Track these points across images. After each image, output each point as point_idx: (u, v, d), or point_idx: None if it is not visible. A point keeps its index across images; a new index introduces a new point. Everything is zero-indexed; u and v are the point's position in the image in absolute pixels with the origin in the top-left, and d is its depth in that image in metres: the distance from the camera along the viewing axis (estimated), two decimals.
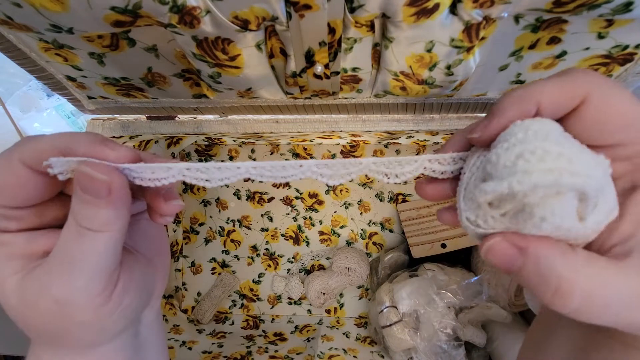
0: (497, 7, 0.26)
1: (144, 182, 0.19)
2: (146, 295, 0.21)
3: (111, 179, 0.17)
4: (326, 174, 0.19)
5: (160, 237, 0.25)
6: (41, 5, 0.25)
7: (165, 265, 0.25)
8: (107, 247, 0.17)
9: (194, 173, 0.18)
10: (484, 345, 0.54)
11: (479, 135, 0.18)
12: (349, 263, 0.64)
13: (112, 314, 0.18)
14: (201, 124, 0.45)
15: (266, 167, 0.19)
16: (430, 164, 0.20)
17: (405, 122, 0.43)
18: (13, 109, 0.70)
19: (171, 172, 0.18)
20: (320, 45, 0.29)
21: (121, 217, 0.18)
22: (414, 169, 0.20)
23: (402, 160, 0.20)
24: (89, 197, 0.17)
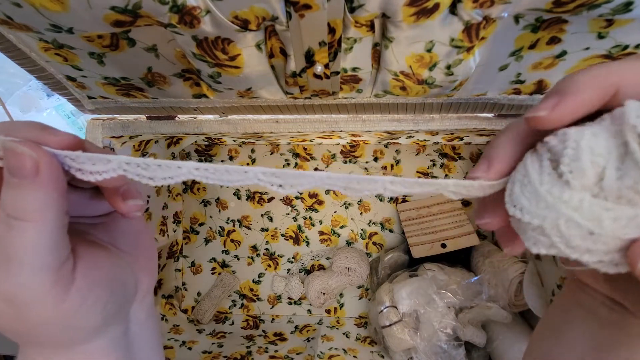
0: (497, 7, 0.26)
1: (85, 175, 0.17)
2: (123, 291, 0.20)
3: (39, 156, 0.16)
4: (275, 182, 0.18)
5: (141, 232, 0.24)
6: (41, 5, 0.25)
7: (151, 259, 0.24)
8: (40, 239, 0.16)
9: (134, 168, 0.17)
10: (484, 345, 0.54)
11: (546, 114, 0.15)
12: (349, 263, 0.64)
13: (77, 310, 0.17)
14: (201, 124, 0.45)
15: (209, 170, 0.17)
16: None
17: (405, 122, 0.43)
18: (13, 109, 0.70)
19: (111, 165, 0.17)
20: (320, 45, 0.29)
21: (53, 204, 0.16)
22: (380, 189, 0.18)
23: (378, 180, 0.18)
24: (16, 180, 0.16)
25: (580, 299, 0.21)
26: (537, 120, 0.15)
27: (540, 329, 0.24)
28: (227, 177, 0.18)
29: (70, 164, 0.17)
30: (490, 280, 0.54)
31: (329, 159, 0.68)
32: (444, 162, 0.67)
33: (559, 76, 0.34)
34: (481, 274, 0.56)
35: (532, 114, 0.15)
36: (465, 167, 0.67)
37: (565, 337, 0.21)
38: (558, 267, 0.47)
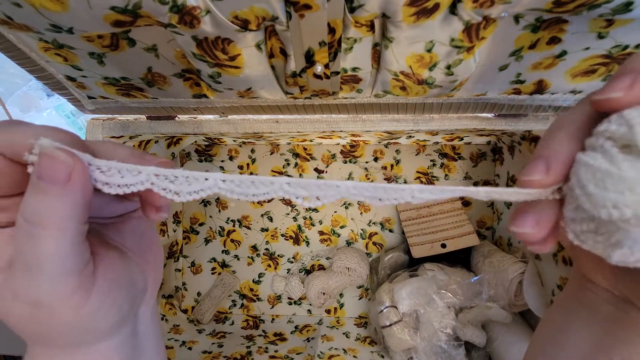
0: (497, 7, 0.26)
1: (112, 188, 0.17)
2: (134, 291, 0.21)
3: (75, 163, 0.16)
4: (301, 194, 0.17)
5: (150, 232, 0.24)
6: (41, 5, 0.25)
7: (158, 260, 0.24)
8: (60, 247, 0.16)
9: (162, 181, 0.17)
10: (484, 345, 0.54)
11: (622, 95, 0.14)
12: (349, 263, 0.64)
13: (96, 312, 0.17)
14: (201, 124, 0.45)
15: (235, 181, 0.17)
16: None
17: (405, 122, 0.43)
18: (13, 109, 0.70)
19: (140, 177, 0.17)
20: (320, 45, 0.29)
21: (77, 213, 0.16)
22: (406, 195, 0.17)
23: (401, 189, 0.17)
24: (43, 185, 0.15)
25: (583, 299, 0.20)
26: (610, 102, 0.14)
27: (541, 329, 0.24)
28: (253, 190, 0.17)
29: (98, 177, 0.17)
30: (490, 280, 0.54)
31: (329, 159, 0.68)
32: (444, 162, 0.67)
33: (559, 76, 0.34)
34: (481, 274, 0.56)
35: (605, 96, 0.14)
36: (465, 167, 0.67)
37: (567, 337, 0.21)
38: (558, 267, 0.47)
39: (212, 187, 0.17)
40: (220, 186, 0.17)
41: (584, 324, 0.20)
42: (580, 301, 0.21)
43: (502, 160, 0.63)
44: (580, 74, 0.34)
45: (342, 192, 0.17)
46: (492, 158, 0.67)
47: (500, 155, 0.64)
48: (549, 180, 0.16)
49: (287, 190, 0.17)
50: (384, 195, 0.17)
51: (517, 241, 0.58)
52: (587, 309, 0.20)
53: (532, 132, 0.50)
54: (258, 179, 0.17)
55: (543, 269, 0.50)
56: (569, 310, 0.21)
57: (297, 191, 0.17)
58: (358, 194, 0.17)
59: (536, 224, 0.17)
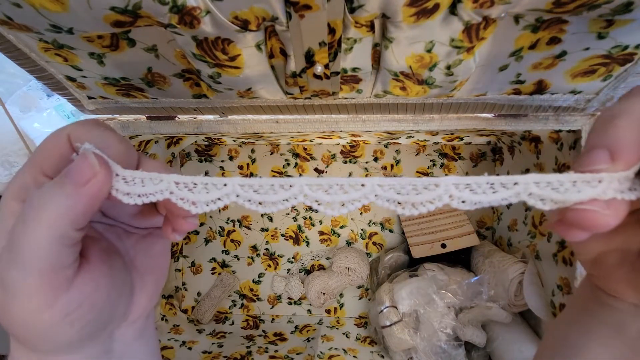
0: (497, 7, 0.26)
1: (132, 198, 0.17)
2: (109, 314, 0.19)
3: (99, 171, 0.16)
4: (323, 200, 0.16)
5: (161, 258, 0.24)
6: (41, 6, 0.25)
7: (158, 284, 0.23)
8: (41, 243, 0.16)
9: (181, 190, 0.16)
10: (484, 345, 0.54)
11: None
12: (349, 263, 0.64)
13: (58, 322, 0.17)
14: (201, 124, 0.45)
15: (254, 186, 0.16)
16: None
17: (405, 122, 0.43)
18: (13, 109, 0.70)
19: (161, 185, 0.17)
20: (320, 46, 0.29)
21: (72, 218, 0.16)
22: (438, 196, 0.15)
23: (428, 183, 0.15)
24: (64, 180, 0.16)
25: (606, 317, 0.19)
26: None
27: (550, 347, 0.23)
28: (272, 196, 0.16)
29: (121, 188, 0.17)
30: (490, 280, 0.54)
31: (329, 159, 0.68)
32: (444, 162, 0.67)
33: (559, 76, 0.34)
34: (481, 274, 0.56)
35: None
36: (465, 167, 0.67)
37: (585, 357, 0.20)
38: (558, 267, 0.47)
39: (230, 194, 0.16)
40: (239, 192, 0.16)
41: (607, 343, 0.19)
42: (599, 319, 0.20)
43: (502, 160, 0.63)
44: (580, 74, 0.34)
45: (367, 193, 0.16)
46: (492, 158, 0.67)
47: (500, 155, 0.64)
48: (618, 168, 0.15)
49: (308, 195, 0.16)
50: (416, 198, 0.15)
51: (517, 241, 0.59)
52: (610, 328, 0.19)
53: (532, 132, 0.50)
54: (277, 181, 0.16)
55: (543, 269, 0.50)
56: (586, 328, 0.20)
57: (318, 195, 0.16)
58: (382, 195, 0.15)
59: (607, 206, 0.15)
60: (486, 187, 0.15)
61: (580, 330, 0.21)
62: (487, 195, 0.15)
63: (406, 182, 0.15)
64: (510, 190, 0.15)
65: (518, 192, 0.15)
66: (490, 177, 0.15)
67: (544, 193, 0.15)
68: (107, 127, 0.18)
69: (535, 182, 0.15)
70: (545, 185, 0.15)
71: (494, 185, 0.15)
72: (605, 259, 0.19)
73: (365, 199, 0.16)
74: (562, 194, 0.15)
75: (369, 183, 0.15)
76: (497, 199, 0.15)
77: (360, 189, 0.15)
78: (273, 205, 0.16)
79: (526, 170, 0.55)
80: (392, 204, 0.15)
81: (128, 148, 0.18)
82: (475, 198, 0.15)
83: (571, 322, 0.22)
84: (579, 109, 0.40)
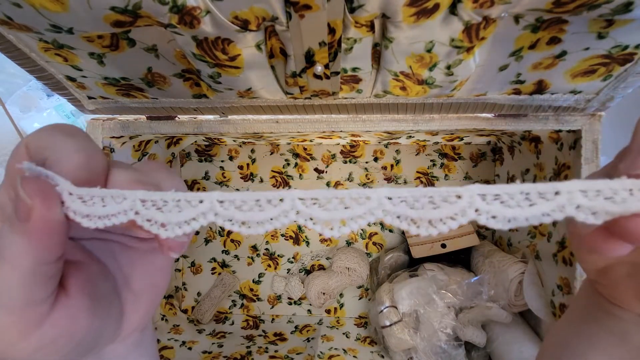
0: (497, 7, 0.26)
1: (92, 221, 0.14)
2: (92, 344, 0.18)
3: (33, 205, 0.14)
4: (320, 218, 0.13)
5: (161, 273, 0.22)
6: (41, 6, 0.25)
7: (154, 303, 0.22)
8: (10, 279, 0.14)
9: (149, 210, 0.14)
10: (484, 345, 0.54)
11: None
12: (349, 263, 0.64)
13: (30, 353, 0.16)
14: (201, 124, 0.45)
15: (236, 201, 0.14)
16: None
17: (405, 122, 0.43)
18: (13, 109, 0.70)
19: (124, 204, 0.14)
20: (320, 45, 0.29)
21: (34, 255, 0.15)
22: None
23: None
24: (13, 216, 0.14)
25: (611, 326, 0.19)
26: None
27: (552, 352, 0.23)
28: (257, 214, 0.13)
29: (78, 209, 0.14)
30: (490, 280, 0.54)
31: (329, 159, 0.68)
32: (444, 162, 0.67)
33: (559, 76, 0.34)
34: (481, 274, 0.56)
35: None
36: (465, 167, 0.67)
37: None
38: (558, 267, 0.47)
39: (208, 212, 0.14)
40: (218, 210, 0.14)
41: (610, 351, 0.19)
42: (603, 327, 0.19)
43: (502, 160, 0.63)
44: (580, 74, 0.34)
45: (372, 207, 0.13)
46: (492, 158, 0.67)
47: (500, 155, 0.64)
48: None
49: (301, 211, 0.13)
50: (434, 215, 0.12)
51: (517, 241, 0.59)
52: (613, 336, 0.19)
53: (532, 132, 0.50)
54: (264, 196, 0.14)
55: (543, 269, 0.50)
56: (588, 335, 0.20)
57: (314, 212, 0.13)
58: (395, 210, 0.13)
59: None
60: (520, 199, 0.12)
61: (582, 336, 0.21)
62: (523, 210, 0.12)
63: (421, 193, 0.13)
64: (552, 202, 0.12)
65: (562, 205, 0.12)
66: (524, 186, 0.12)
67: (596, 205, 0.12)
68: (65, 132, 0.16)
69: (582, 190, 0.12)
70: (596, 195, 0.12)
71: (529, 196, 0.12)
72: (613, 270, 0.18)
73: (371, 215, 0.13)
74: (619, 204, 0.12)
75: (375, 196, 0.13)
76: (537, 214, 0.12)
77: (365, 203, 0.13)
78: (259, 225, 0.14)
79: (526, 170, 0.55)
80: (405, 222, 0.13)
81: (89, 158, 0.16)
82: (508, 213, 0.12)
83: (573, 327, 0.22)
84: (579, 109, 0.40)
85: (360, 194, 0.13)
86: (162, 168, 0.19)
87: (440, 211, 0.12)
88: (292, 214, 0.14)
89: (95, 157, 0.16)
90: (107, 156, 0.47)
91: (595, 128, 0.41)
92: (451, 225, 0.12)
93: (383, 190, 0.13)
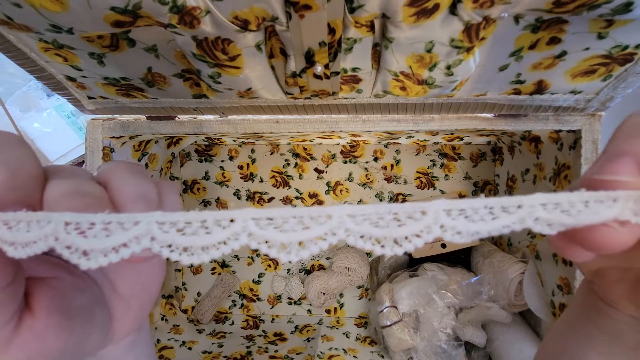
0: (497, 8, 0.26)
1: (17, 250, 0.12)
2: (76, 352, 0.17)
3: None
4: (274, 239, 0.12)
5: (151, 276, 0.21)
6: (41, 6, 0.25)
7: (146, 304, 0.21)
8: None
9: (70, 235, 0.12)
10: (484, 345, 0.54)
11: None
12: (349, 263, 0.64)
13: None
14: (201, 124, 0.45)
15: (178, 224, 0.12)
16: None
17: (405, 122, 0.43)
18: (13, 109, 0.70)
19: (46, 230, 0.12)
20: (320, 46, 0.29)
21: None
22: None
23: None
24: None
25: (603, 325, 0.19)
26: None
27: (551, 351, 0.23)
28: (203, 240, 0.12)
29: (3, 236, 0.12)
30: (490, 280, 0.54)
31: (329, 159, 0.68)
32: (444, 162, 0.67)
33: (559, 76, 0.34)
34: (481, 274, 0.56)
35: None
36: (465, 167, 0.67)
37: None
38: (558, 267, 0.47)
39: (142, 236, 0.12)
40: (155, 234, 0.12)
41: (605, 351, 0.19)
42: (599, 327, 0.20)
43: (502, 160, 0.63)
44: (580, 74, 0.34)
45: (333, 227, 0.12)
46: (492, 158, 0.67)
47: (500, 155, 0.64)
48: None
49: (254, 233, 0.12)
50: (399, 233, 0.12)
51: (517, 241, 0.59)
52: (607, 335, 0.19)
53: (532, 132, 0.50)
54: (212, 216, 0.12)
55: (543, 269, 0.50)
56: (585, 335, 0.20)
57: (269, 234, 0.12)
58: (358, 229, 0.12)
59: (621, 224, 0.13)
60: (484, 213, 0.12)
61: (578, 335, 0.21)
62: (486, 223, 0.12)
63: (385, 210, 0.12)
64: (513, 215, 0.12)
65: (522, 218, 0.12)
66: (488, 200, 0.12)
67: (553, 217, 0.12)
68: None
69: (542, 203, 0.12)
70: (554, 208, 0.12)
71: (493, 210, 0.12)
72: (606, 273, 0.18)
73: (333, 235, 0.12)
74: (575, 217, 0.12)
75: (336, 214, 0.12)
76: (498, 227, 0.12)
77: (326, 222, 0.12)
78: (203, 252, 0.12)
79: (526, 170, 0.55)
80: (369, 242, 0.12)
81: (12, 174, 0.13)
82: (472, 228, 0.12)
83: (571, 327, 0.22)
84: (579, 109, 0.40)
85: (320, 212, 0.12)
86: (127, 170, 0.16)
87: (405, 228, 0.12)
88: (244, 236, 0.12)
89: (22, 171, 0.14)
90: (107, 156, 0.47)
91: (595, 128, 0.41)
92: (417, 244, 0.12)
93: (345, 207, 0.12)
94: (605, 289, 0.19)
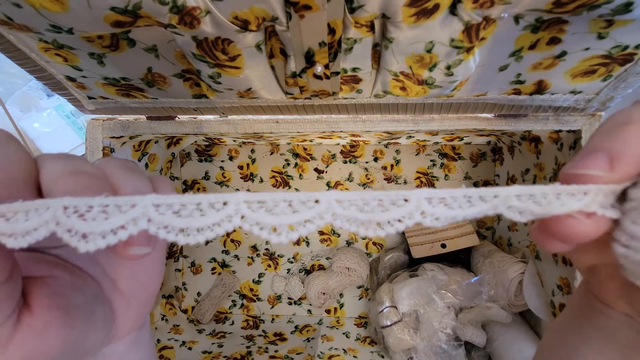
0: (497, 8, 0.26)
1: (17, 240, 0.12)
2: (78, 350, 0.17)
3: None
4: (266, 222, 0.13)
5: (152, 274, 0.21)
6: (41, 6, 0.25)
7: (147, 301, 0.21)
8: None
9: (70, 218, 0.12)
10: (484, 345, 0.54)
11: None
12: (349, 263, 0.64)
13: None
14: (201, 124, 0.45)
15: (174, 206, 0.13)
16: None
17: (405, 122, 0.43)
18: (13, 109, 0.70)
19: (45, 216, 0.12)
20: (320, 46, 0.29)
21: None
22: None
23: None
24: None
25: (597, 323, 0.20)
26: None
27: (549, 350, 0.23)
28: (198, 221, 0.12)
29: (1, 229, 0.12)
30: (490, 280, 0.54)
31: (329, 159, 0.68)
32: (444, 162, 0.67)
33: (559, 76, 0.34)
34: (481, 274, 0.56)
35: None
36: (465, 167, 0.67)
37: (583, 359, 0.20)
38: (558, 267, 0.47)
39: (140, 218, 0.12)
40: (151, 215, 0.12)
41: (601, 349, 0.19)
42: (595, 325, 0.20)
43: (502, 160, 0.63)
44: (580, 74, 0.34)
45: (322, 211, 0.13)
46: (492, 158, 0.67)
47: (500, 155, 0.64)
48: (614, 178, 0.13)
49: (246, 216, 0.12)
50: (382, 217, 0.13)
51: (517, 241, 0.59)
52: (601, 333, 0.19)
53: (532, 132, 0.50)
54: (205, 199, 0.13)
55: (543, 269, 0.50)
56: (582, 333, 0.20)
57: (260, 216, 0.13)
58: (345, 213, 0.13)
59: (588, 216, 0.13)
60: (463, 201, 0.13)
61: (575, 333, 0.21)
62: (463, 210, 0.13)
63: (370, 197, 0.13)
64: (489, 203, 0.13)
65: (496, 205, 0.13)
66: (468, 190, 0.13)
67: (524, 206, 0.13)
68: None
69: (517, 194, 0.13)
70: (527, 198, 0.13)
71: (471, 199, 0.13)
72: (599, 270, 0.19)
73: (321, 219, 0.13)
74: (544, 207, 0.13)
75: (324, 199, 0.13)
76: (474, 212, 0.13)
77: (314, 207, 0.13)
78: (199, 233, 0.12)
79: (526, 170, 0.55)
80: (354, 225, 0.13)
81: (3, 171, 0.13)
82: (450, 214, 0.13)
83: (568, 325, 0.22)
84: (579, 109, 0.40)
85: (309, 197, 0.13)
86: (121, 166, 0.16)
87: (388, 214, 0.13)
88: (237, 219, 0.13)
89: (8, 166, 0.13)
90: (106, 155, 0.47)
91: (595, 128, 0.41)
92: (399, 228, 0.13)
93: (332, 193, 0.13)
94: (599, 286, 0.19)
